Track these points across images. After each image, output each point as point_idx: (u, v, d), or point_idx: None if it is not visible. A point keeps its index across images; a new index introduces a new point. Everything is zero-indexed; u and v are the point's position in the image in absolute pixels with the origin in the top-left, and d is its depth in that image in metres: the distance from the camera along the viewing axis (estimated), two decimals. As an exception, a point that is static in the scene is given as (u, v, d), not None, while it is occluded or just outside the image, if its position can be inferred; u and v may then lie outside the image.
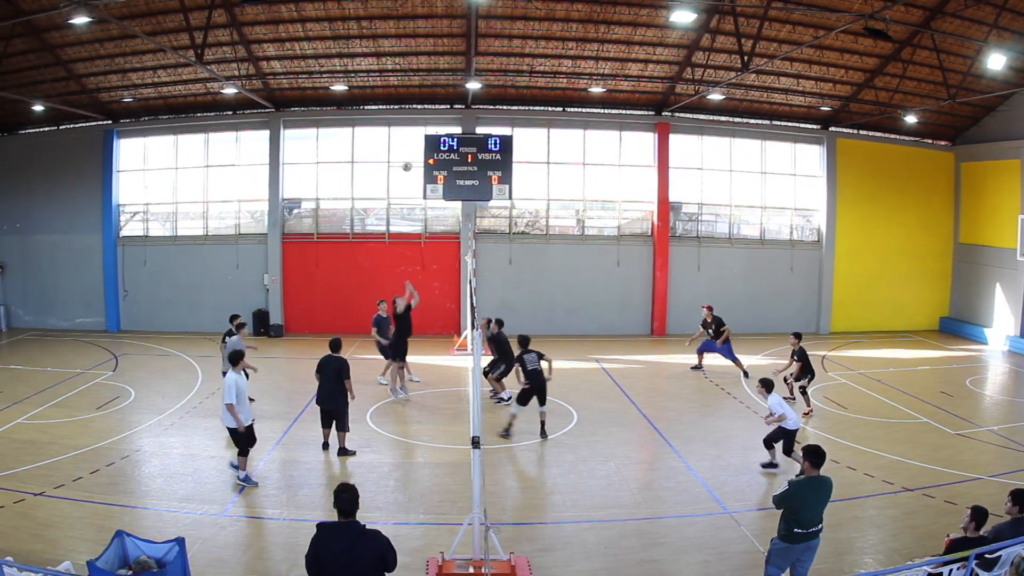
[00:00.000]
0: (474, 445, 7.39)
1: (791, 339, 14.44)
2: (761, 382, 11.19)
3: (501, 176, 19.31)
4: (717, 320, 16.92)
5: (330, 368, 11.23)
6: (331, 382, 11.18)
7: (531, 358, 12.37)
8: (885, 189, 22.77)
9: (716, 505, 9.70)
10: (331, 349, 11.47)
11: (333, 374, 11.18)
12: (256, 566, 7.89)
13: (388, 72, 19.53)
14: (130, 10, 15.81)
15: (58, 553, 7.74)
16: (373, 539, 5.29)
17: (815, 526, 6.77)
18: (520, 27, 17.66)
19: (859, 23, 13.67)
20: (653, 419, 13.55)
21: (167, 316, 21.51)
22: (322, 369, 11.31)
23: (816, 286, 22.80)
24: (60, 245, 21.70)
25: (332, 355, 11.36)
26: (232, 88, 18.69)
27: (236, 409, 9.78)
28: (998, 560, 6.18)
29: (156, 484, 10.14)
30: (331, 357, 11.34)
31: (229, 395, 9.79)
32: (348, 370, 11.26)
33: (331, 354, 11.38)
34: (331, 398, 11.23)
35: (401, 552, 5.59)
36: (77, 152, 21.51)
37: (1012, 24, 16.12)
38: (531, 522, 9.16)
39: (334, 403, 11.23)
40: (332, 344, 11.56)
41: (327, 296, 21.45)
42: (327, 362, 11.30)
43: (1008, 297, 20.97)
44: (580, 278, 21.87)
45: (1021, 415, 14.40)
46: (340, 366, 11.20)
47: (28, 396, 14.21)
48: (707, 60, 18.54)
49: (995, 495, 8.91)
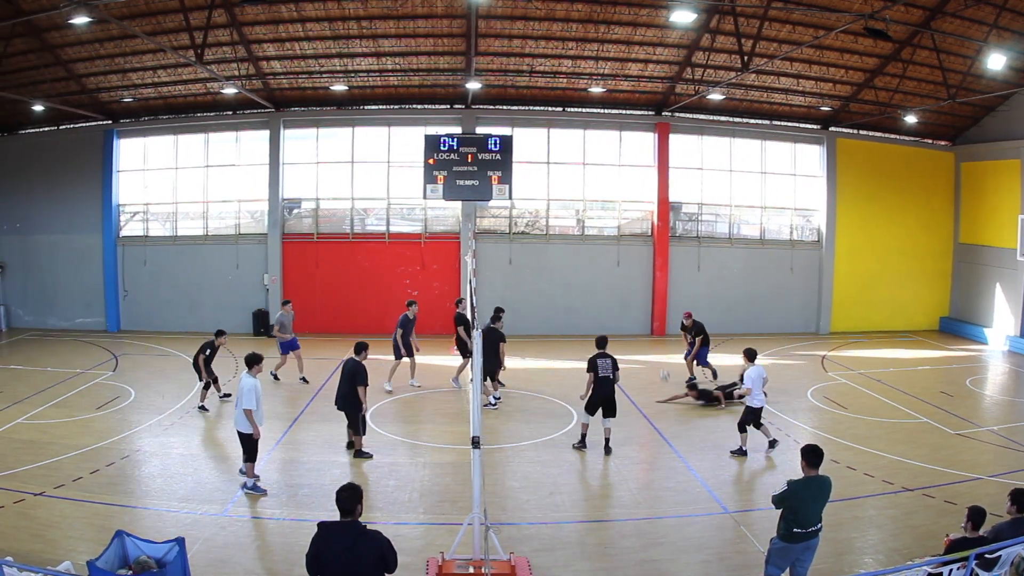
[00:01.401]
0: (474, 445, 7.38)
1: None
2: (745, 351, 11.70)
3: (501, 176, 19.32)
4: (697, 325, 16.60)
5: (346, 370, 11.21)
6: (344, 384, 11.17)
7: (605, 364, 11.41)
8: (885, 189, 22.78)
9: (716, 505, 9.70)
10: (354, 352, 11.34)
11: (347, 376, 11.14)
12: (256, 566, 7.89)
13: (388, 72, 19.54)
14: (130, 10, 15.81)
15: (58, 553, 7.74)
16: (373, 539, 5.29)
17: (814, 526, 6.77)
18: (520, 27, 17.67)
19: (859, 23, 13.67)
20: (653, 419, 13.55)
21: (167, 316, 21.50)
22: (342, 372, 11.32)
23: (816, 286, 22.80)
24: (60, 245, 21.70)
25: (352, 358, 11.27)
26: (232, 88, 18.69)
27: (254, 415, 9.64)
28: (998, 560, 6.17)
29: (156, 484, 10.14)
30: (350, 359, 11.27)
31: (248, 400, 9.59)
32: (363, 376, 11.07)
33: (351, 357, 11.28)
34: (341, 399, 11.22)
35: (401, 552, 5.58)
36: (77, 152, 21.51)
37: (1012, 24, 16.12)
38: (531, 522, 9.16)
39: (344, 405, 11.20)
40: (356, 347, 11.39)
41: (327, 296, 21.45)
42: (345, 364, 11.30)
43: (1008, 297, 20.97)
44: (580, 278, 21.86)
45: (1021, 415, 14.41)
46: (354, 369, 11.10)
47: (28, 396, 14.21)
48: (707, 60, 18.55)
49: (995, 495, 8.91)
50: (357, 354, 11.30)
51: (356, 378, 11.02)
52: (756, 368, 11.48)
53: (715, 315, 21.47)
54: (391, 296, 20.21)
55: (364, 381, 11.06)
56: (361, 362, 11.20)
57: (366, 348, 11.41)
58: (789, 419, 13.56)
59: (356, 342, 11.52)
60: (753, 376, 11.42)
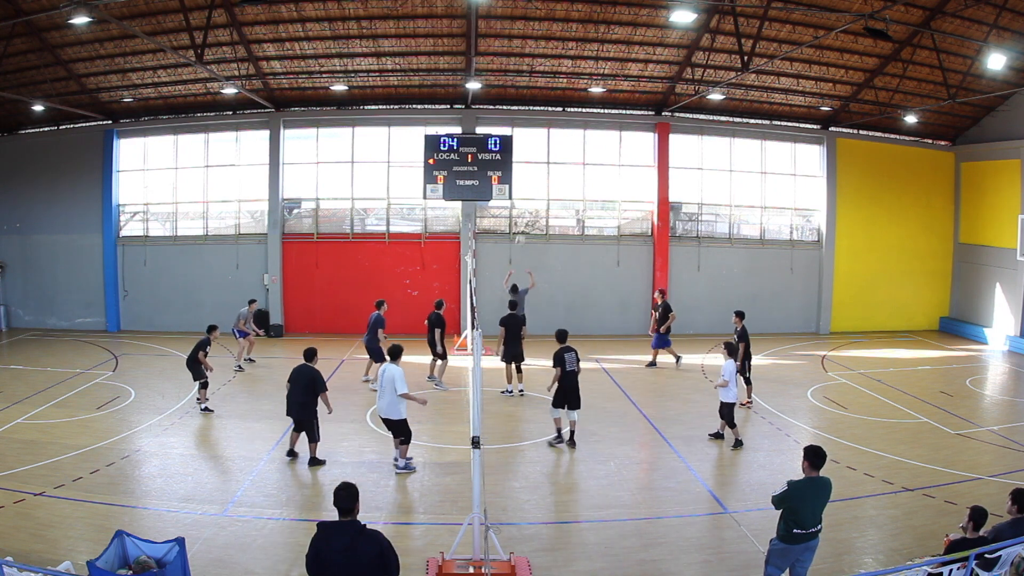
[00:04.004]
0: (474, 445, 7.39)
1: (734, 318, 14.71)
2: (725, 345, 12.00)
3: (501, 176, 19.32)
4: (665, 306, 17.67)
5: (301, 378, 10.82)
6: (298, 392, 10.79)
7: (571, 358, 11.70)
8: (885, 189, 22.78)
9: (716, 505, 9.70)
10: (305, 358, 11.02)
11: (303, 385, 10.77)
12: (256, 566, 7.88)
13: (388, 72, 19.54)
14: (130, 10, 15.82)
15: (58, 553, 7.74)
16: (372, 539, 5.29)
17: (814, 527, 6.76)
18: (520, 27, 17.67)
19: (859, 23, 13.66)
20: (653, 419, 13.55)
21: (167, 316, 21.51)
22: (293, 379, 10.89)
23: (816, 286, 22.80)
24: (60, 245, 21.70)
25: (305, 365, 10.94)
26: (232, 88, 18.69)
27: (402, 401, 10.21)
28: (998, 560, 6.18)
29: (156, 484, 10.14)
30: (304, 367, 10.92)
31: (402, 385, 10.18)
32: (322, 383, 10.83)
33: (304, 363, 10.96)
34: (296, 408, 10.83)
35: (401, 552, 5.58)
36: (77, 152, 21.52)
37: (1012, 24, 16.13)
38: (531, 522, 9.15)
39: (297, 413, 10.83)
40: (306, 353, 11.08)
41: (327, 296, 21.45)
42: (298, 371, 10.88)
43: (1008, 297, 20.97)
44: (580, 278, 21.87)
45: (1021, 415, 14.40)
46: (313, 377, 10.79)
47: (28, 396, 14.21)
48: (707, 60, 18.55)
49: (995, 495, 8.92)
50: (309, 360, 10.98)
51: (316, 386, 10.74)
52: (731, 362, 11.79)
53: (715, 315, 21.55)
54: (391, 296, 20.17)
55: (324, 387, 10.86)
56: (315, 368, 10.92)
57: (316, 353, 11.11)
58: (789, 419, 13.57)
59: (306, 348, 11.15)
60: (731, 369, 11.67)
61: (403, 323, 19.14)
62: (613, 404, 14.55)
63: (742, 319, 14.53)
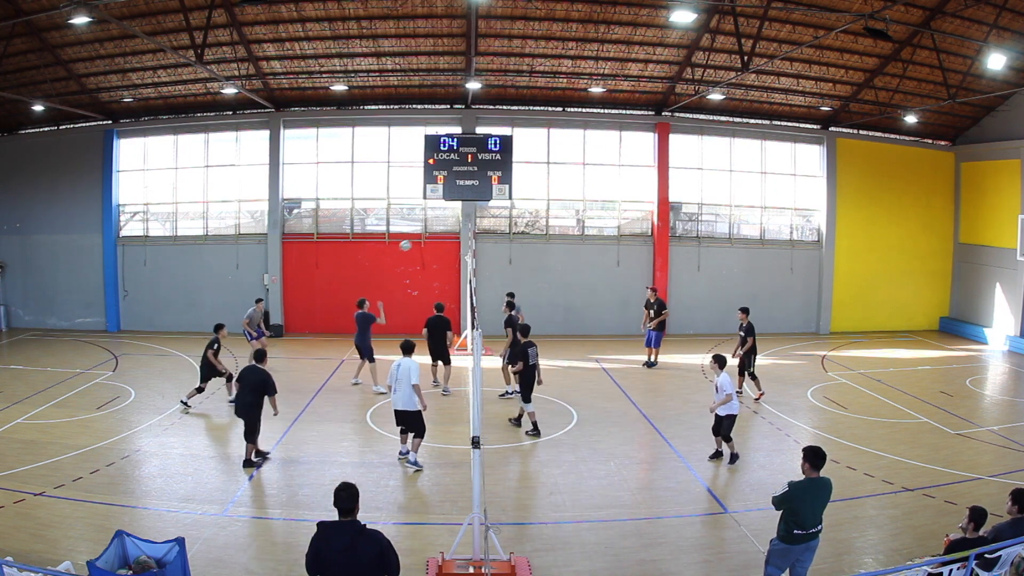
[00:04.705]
0: (474, 445, 7.39)
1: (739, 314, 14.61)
2: (714, 358, 11.36)
3: (501, 176, 19.32)
4: (659, 302, 17.61)
5: (249, 380, 10.76)
6: (247, 393, 10.75)
7: (534, 352, 12.33)
8: (885, 189, 22.78)
9: (716, 505, 9.71)
10: (255, 360, 10.97)
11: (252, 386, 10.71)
12: (256, 566, 7.89)
13: (388, 72, 19.54)
14: (130, 10, 15.82)
15: (58, 553, 7.74)
16: (372, 538, 5.30)
17: (815, 527, 6.77)
18: (520, 27, 17.67)
19: (859, 23, 13.66)
20: (653, 419, 13.55)
21: (167, 316, 21.51)
22: (241, 379, 10.88)
23: (816, 286, 22.80)
24: (60, 245, 21.70)
25: (254, 366, 10.88)
26: (232, 88, 18.69)
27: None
28: (998, 560, 6.18)
29: (156, 484, 10.14)
30: (253, 368, 10.86)
31: (416, 377, 10.43)
32: (272, 385, 10.77)
33: (254, 365, 10.90)
34: (244, 409, 10.77)
35: (401, 552, 5.58)
36: (77, 152, 21.51)
37: (1012, 24, 16.13)
38: (531, 522, 9.16)
39: (246, 414, 10.77)
40: (256, 355, 11.04)
41: (327, 296, 21.44)
42: (246, 372, 10.85)
43: (1008, 297, 20.97)
44: (580, 278, 21.87)
45: (1021, 415, 14.41)
46: (263, 380, 10.73)
47: (28, 396, 14.21)
48: (707, 60, 18.55)
49: (995, 495, 8.93)
50: (259, 362, 10.93)
51: (267, 389, 10.71)
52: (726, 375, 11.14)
53: (715, 315, 21.57)
54: (391, 296, 20.18)
55: (274, 390, 10.81)
56: (265, 370, 10.87)
57: (266, 356, 11.11)
58: (789, 419, 13.57)
59: (256, 350, 11.15)
60: (728, 382, 11.07)
61: (403, 323, 19.12)
62: (613, 404, 14.56)
63: (747, 315, 14.54)
